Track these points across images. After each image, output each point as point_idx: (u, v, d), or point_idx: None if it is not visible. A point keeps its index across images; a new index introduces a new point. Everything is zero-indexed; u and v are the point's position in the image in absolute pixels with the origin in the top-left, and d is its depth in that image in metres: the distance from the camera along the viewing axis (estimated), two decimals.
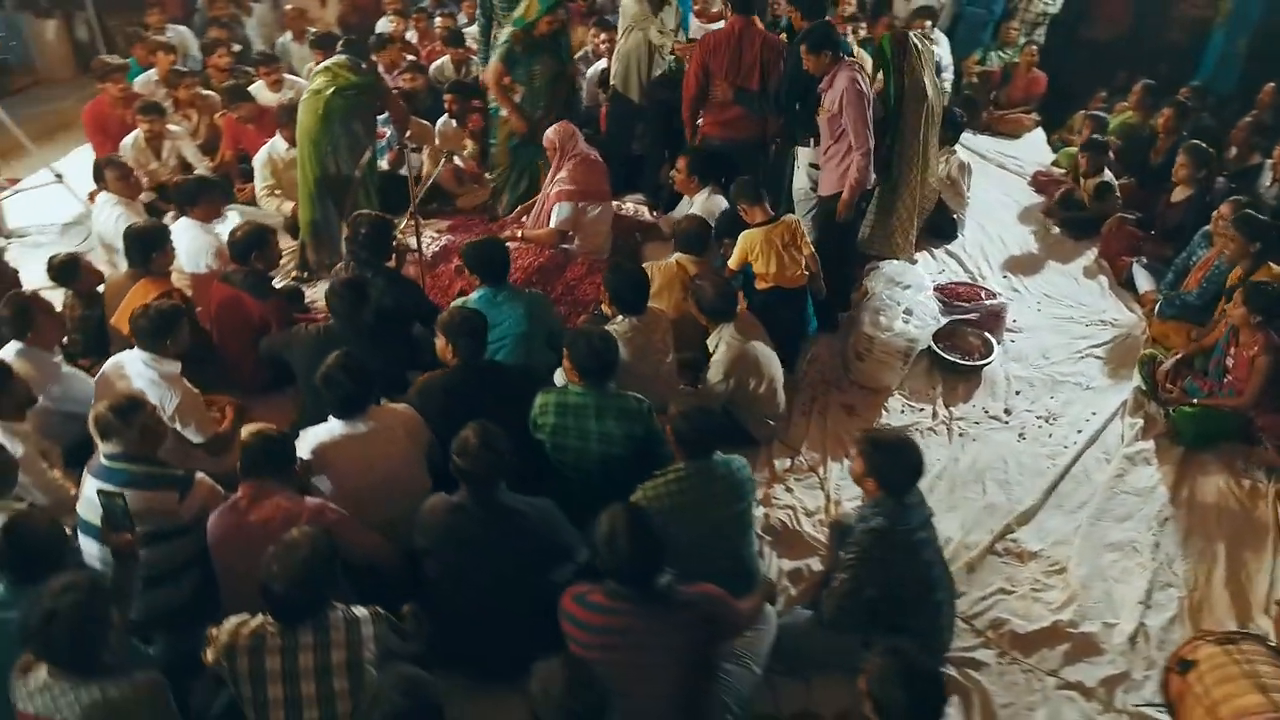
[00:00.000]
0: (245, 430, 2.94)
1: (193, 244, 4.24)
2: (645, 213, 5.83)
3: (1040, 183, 6.48)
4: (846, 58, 4.23)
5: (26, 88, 8.62)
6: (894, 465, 2.69)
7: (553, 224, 4.87)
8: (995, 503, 3.69)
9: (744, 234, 4.19)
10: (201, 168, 5.91)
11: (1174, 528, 3.58)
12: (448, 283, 4.95)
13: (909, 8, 8.48)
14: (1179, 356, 4.23)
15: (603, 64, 6.39)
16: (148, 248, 3.87)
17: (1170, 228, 5.28)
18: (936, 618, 2.88)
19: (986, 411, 4.22)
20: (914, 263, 5.15)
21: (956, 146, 5.60)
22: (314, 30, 7.78)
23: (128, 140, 5.64)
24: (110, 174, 4.53)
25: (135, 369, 3.33)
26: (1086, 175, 5.92)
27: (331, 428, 3.06)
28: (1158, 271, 5.04)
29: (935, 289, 4.73)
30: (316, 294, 5.03)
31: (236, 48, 7.26)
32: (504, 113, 5.28)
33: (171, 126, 5.82)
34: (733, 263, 4.24)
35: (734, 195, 4.28)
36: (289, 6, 7.95)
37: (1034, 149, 7.22)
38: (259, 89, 6.42)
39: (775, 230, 4.13)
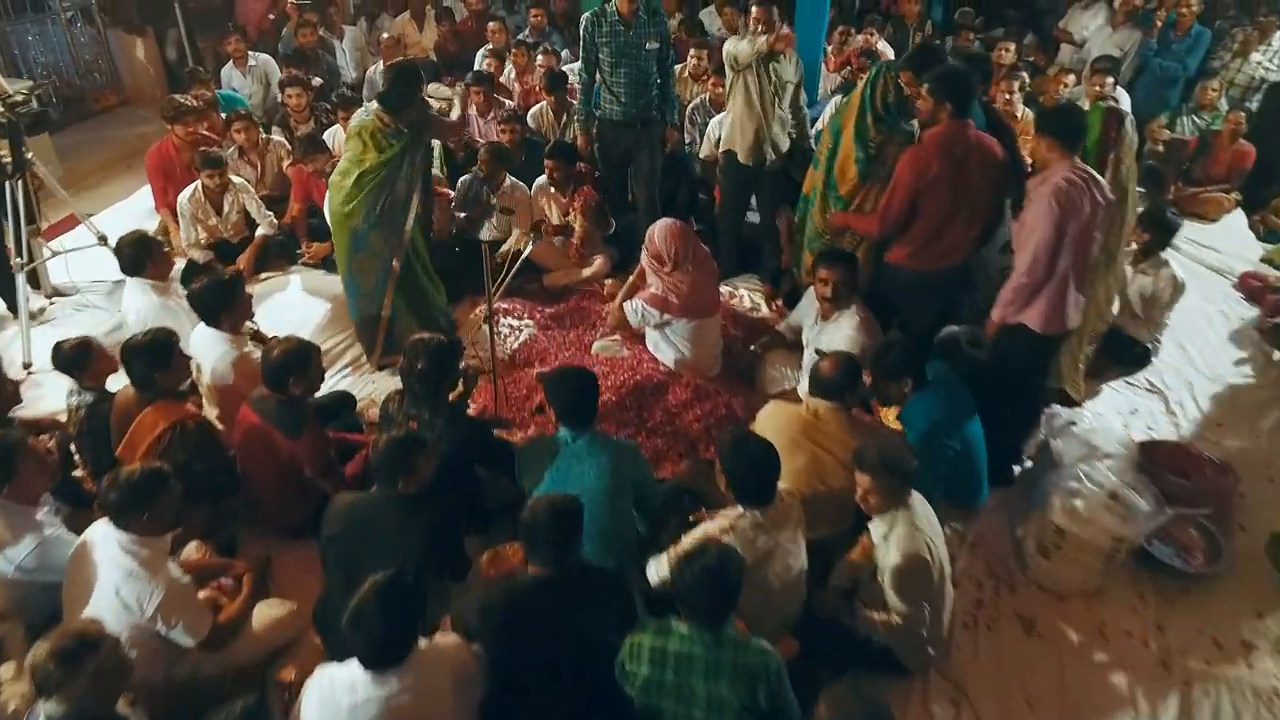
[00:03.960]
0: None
1: (219, 362, 3.52)
2: (762, 304, 4.94)
3: (1251, 288, 5.27)
4: (1076, 159, 3.21)
5: (113, 107, 8.28)
6: None
7: (628, 313, 4.10)
8: None
9: None
10: (265, 224, 5.28)
11: None
12: (525, 391, 4.16)
13: (1077, 56, 7.33)
14: None
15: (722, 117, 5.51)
16: (150, 366, 3.18)
17: None
18: None
19: (1220, 645, 3.15)
20: (1079, 403, 4.13)
21: (1168, 255, 4.45)
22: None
23: (185, 194, 5.04)
24: (142, 257, 3.87)
25: (107, 553, 2.60)
26: None
27: (354, 680, 2.25)
28: None
29: (1140, 448, 3.67)
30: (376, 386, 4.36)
31: (317, 82, 6.65)
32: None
33: (234, 178, 5.20)
34: None
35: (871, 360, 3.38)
36: (384, 35, 7.30)
37: (1236, 237, 5.96)
38: (337, 133, 5.78)
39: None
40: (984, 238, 3.83)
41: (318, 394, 3.51)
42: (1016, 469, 3.83)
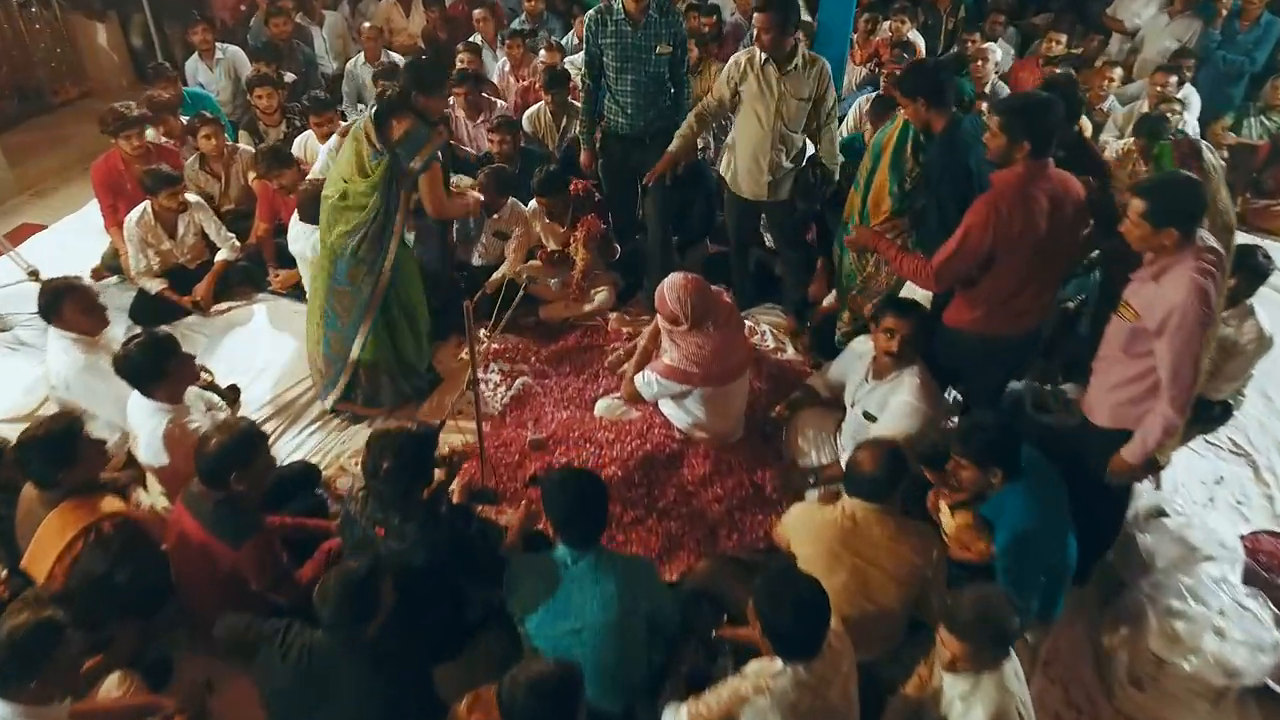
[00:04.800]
0: None
1: (151, 437, 2.95)
2: (786, 343, 4.35)
3: None
4: (1202, 243, 2.54)
5: (73, 100, 7.64)
6: None
7: (640, 388, 3.48)
8: None
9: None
10: (226, 248, 4.68)
11: None
12: (517, 457, 3.60)
13: (1128, 46, 6.68)
14: None
15: None
16: (50, 464, 2.60)
17: None
18: None
19: None
20: (1163, 467, 3.53)
21: (1255, 304, 3.82)
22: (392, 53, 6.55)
23: (132, 216, 4.43)
24: (68, 307, 3.29)
25: None
26: None
27: None
28: None
29: (1244, 543, 3.10)
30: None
31: (290, 78, 6.02)
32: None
33: (189, 196, 4.59)
34: None
35: (957, 441, 2.77)
36: (366, 25, 6.63)
37: None
38: (308, 140, 5.17)
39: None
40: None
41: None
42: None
